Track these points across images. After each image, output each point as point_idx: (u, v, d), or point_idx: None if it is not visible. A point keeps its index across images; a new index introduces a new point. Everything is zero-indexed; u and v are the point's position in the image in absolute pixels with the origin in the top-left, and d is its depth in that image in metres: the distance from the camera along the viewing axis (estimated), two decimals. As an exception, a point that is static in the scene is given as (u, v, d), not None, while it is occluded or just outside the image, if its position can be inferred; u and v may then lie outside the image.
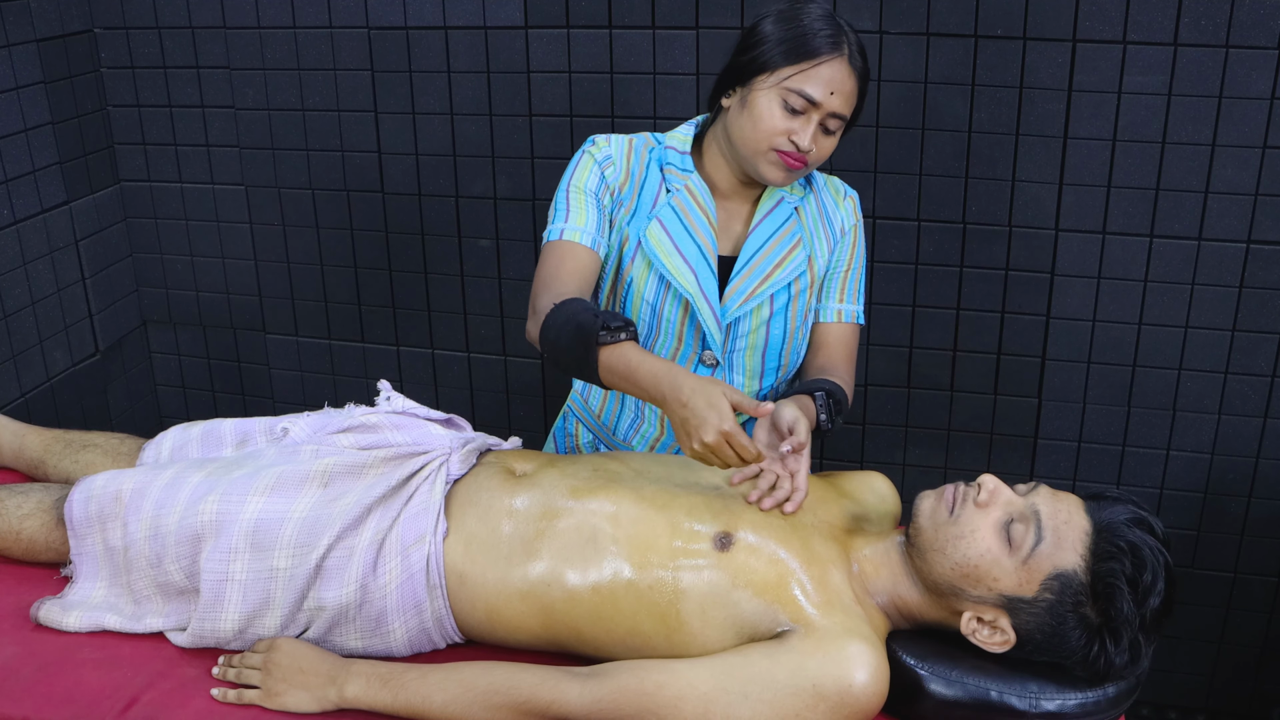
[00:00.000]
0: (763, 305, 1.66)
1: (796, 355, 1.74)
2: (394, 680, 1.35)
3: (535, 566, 1.40)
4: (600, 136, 1.66)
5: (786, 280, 1.66)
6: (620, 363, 1.39)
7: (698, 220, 1.63)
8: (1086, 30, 2.07)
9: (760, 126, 1.54)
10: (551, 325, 1.44)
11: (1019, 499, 1.34)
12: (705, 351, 1.66)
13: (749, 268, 1.64)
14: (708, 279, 1.63)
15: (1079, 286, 2.23)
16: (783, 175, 1.58)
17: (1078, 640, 1.30)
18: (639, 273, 1.64)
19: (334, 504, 1.46)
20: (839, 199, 1.73)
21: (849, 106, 1.55)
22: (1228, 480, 2.28)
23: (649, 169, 1.66)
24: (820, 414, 1.58)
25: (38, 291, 2.45)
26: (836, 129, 1.56)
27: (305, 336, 2.74)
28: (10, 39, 2.31)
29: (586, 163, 1.63)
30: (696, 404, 1.33)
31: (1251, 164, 2.06)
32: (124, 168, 2.68)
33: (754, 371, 1.71)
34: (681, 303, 1.63)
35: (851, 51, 1.53)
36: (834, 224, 1.72)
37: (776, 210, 1.67)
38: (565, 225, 1.59)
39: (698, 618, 1.33)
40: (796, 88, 1.51)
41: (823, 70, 1.51)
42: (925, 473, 2.44)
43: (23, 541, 1.59)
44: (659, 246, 1.62)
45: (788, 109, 1.53)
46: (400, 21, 2.39)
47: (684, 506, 1.40)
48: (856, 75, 1.54)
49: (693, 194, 1.64)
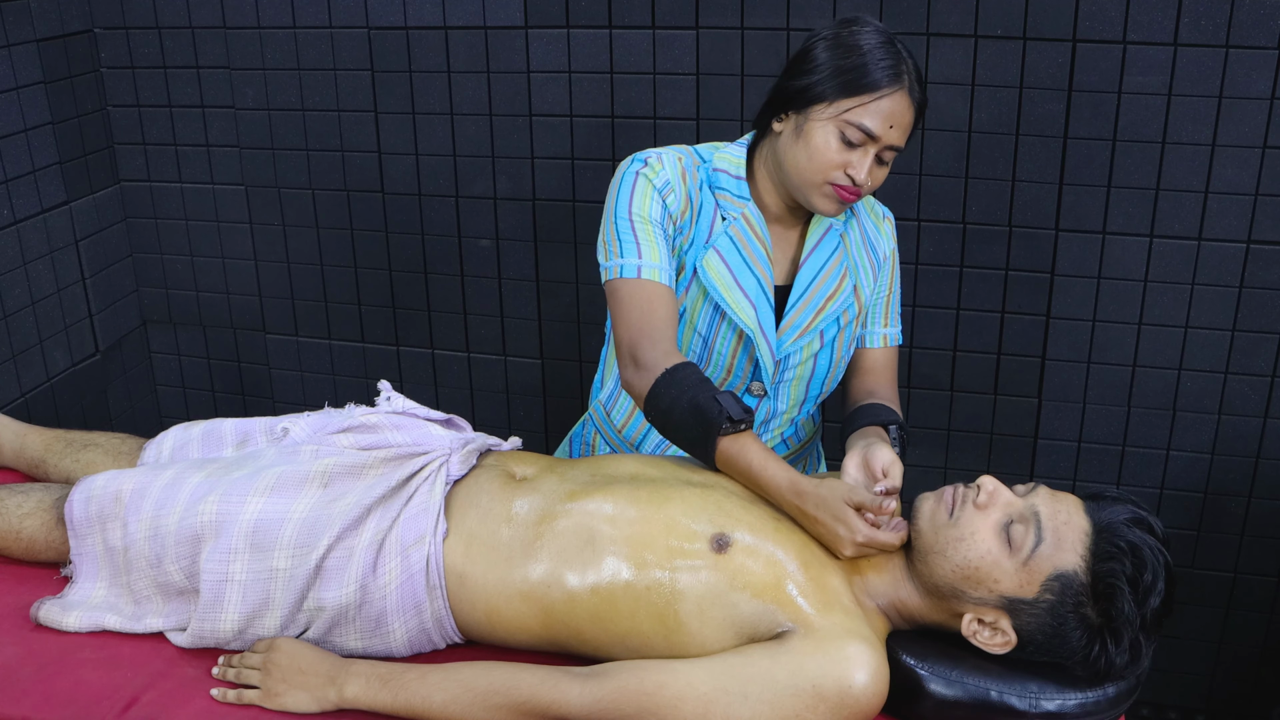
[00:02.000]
0: (814, 339, 1.64)
1: (835, 382, 1.72)
2: (394, 680, 1.35)
3: (535, 568, 1.40)
4: (650, 156, 1.58)
5: (837, 313, 1.64)
6: (740, 459, 1.41)
7: (755, 251, 1.59)
8: (1086, 30, 2.07)
9: (816, 159, 1.50)
10: (664, 395, 1.43)
11: (1018, 500, 1.34)
12: (754, 383, 1.64)
13: (803, 301, 1.62)
14: (766, 313, 1.59)
15: (1079, 286, 2.23)
16: (836, 207, 1.54)
17: (1078, 641, 1.30)
18: (693, 302, 1.60)
19: (334, 504, 1.46)
20: (879, 223, 1.71)
21: (905, 137, 1.52)
22: (1228, 480, 2.28)
23: (703, 193, 1.60)
24: (896, 449, 1.56)
25: (38, 291, 2.45)
26: (890, 159, 1.53)
27: (305, 336, 2.74)
28: (10, 39, 2.31)
29: (645, 189, 1.55)
30: (823, 518, 1.35)
31: (1251, 164, 2.06)
32: (124, 168, 2.68)
33: (797, 400, 1.69)
34: (736, 334, 1.60)
35: (911, 82, 1.49)
36: (877, 250, 1.70)
37: (826, 239, 1.63)
38: (642, 262, 1.52)
39: (696, 619, 1.33)
40: (856, 121, 1.47)
41: (883, 104, 1.47)
42: (925, 473, 2.44)
43: (23, 541, 1.59)
44: (718, 278, 1.57)
45: (845, 141, 1.48)
46: (400, 21, 2.39)
47: (680, 507, 1.40)
48: (915, 106, 1.50)
49: (749, 223, 1.59)
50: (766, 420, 1.70)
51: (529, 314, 2.57)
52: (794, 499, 1.38)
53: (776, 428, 1.72)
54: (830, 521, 1.35)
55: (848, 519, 1.34)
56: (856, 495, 1.35)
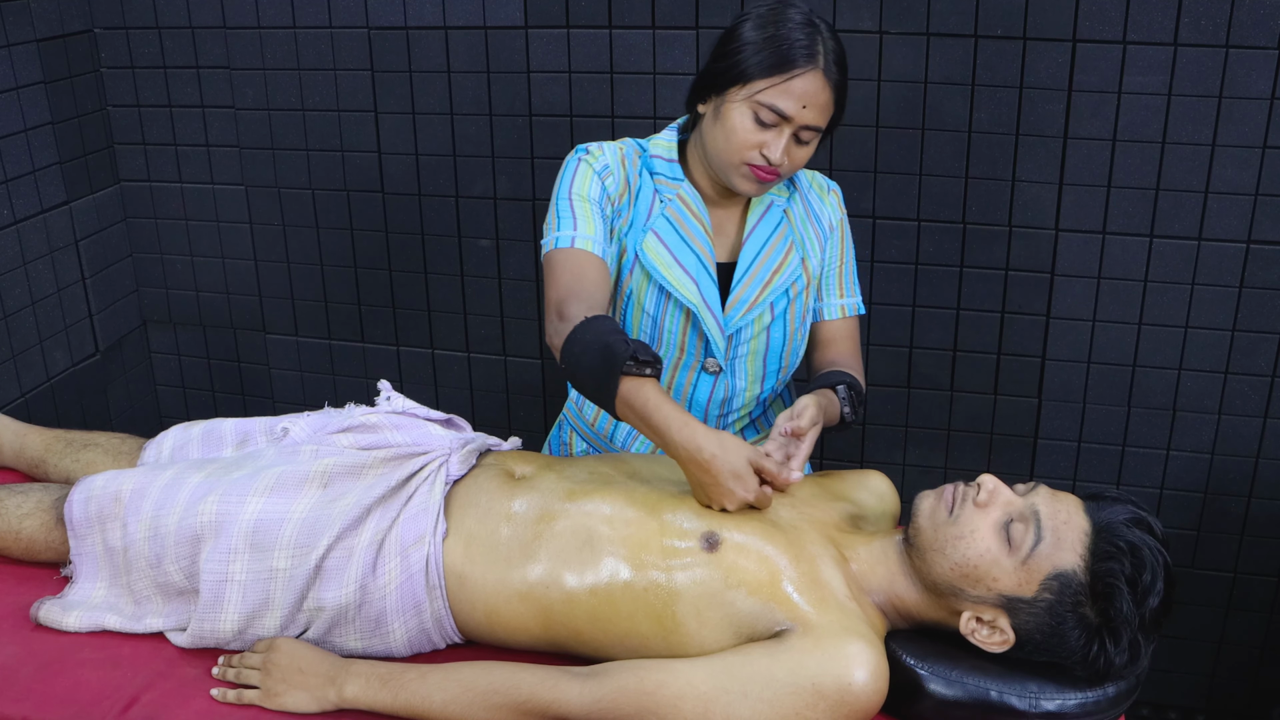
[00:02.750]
0: (764, 313, 1.66)
1: (795, 356, 1.74)
2: (393, 680, 1.35)
3: (533, 569, 1.40)
4: (592, 146, 1.63)
5: (785, 286, 1.66)
6: (638, 398, 1.38)
7: (693, 229, 1.62)
8: (1086, 30, 2.07)
9: (732, 140, 1.52)
10: (579, 339, 1.41)
11: (1018, 499, 1.34)
12: (708, 359, 1.66)
13: (749, 276, 1.64)
14: (709, 288, 1.62)
15: (1079, 286, 2.23)
16: (755, 187, 1.57)
17: (1077, 640, 1.30)
18: (638, 284, 1.63)
19: (334, 504, 1.46)
20: (824, 195, 1.73)
21: (824, 118, 1.53)
22: (1228, 480, 2.28)
23: (642, 178, 1.64)
24: (844, 407, 1.58)
25: (38, 291, 2.45)
26: (811, 139, 1.54)
27: (305, 336, 2.74)
28: (10, 39, 2.31)
29: (585, 173, 1.60)
30: (720, 471, 1.35)
31: (1251, 164, 2.06)
32: (124, 168, 2.68)
33: (755, 376, 1.71)
34: (683, 312, 1.63)
35: (828, 62, 1.50)
36: (822, 222, 1.72)
37: (768, 215, 1.66)
38: (575, 234, 1.55)
39: (694, 618, 1.33)
40: (768, 102, 1.49)
41: (795, 84, 1.48)
42: (925, 473, 2.44)
43: (22, 541, 1.59)
44: (657, 258, 1.61)
45: (759, 122, 1.51)
46: (400, 21, 2.39)
47: (671, 506, 1.40)
48: (832, 86, 1.51)
49: (685, 202, 1.62)
50: (728, 399, 1.71)
51: (529, 314, 2.57)
52: (688, 444, 1.36)
53: (742, 408, 1.73)
54: (728, 479, 1.35)
55: (748, 480, 1.36)
56: (762, 461, 1.37)
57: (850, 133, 2.24)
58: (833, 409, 1.57)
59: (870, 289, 2.33)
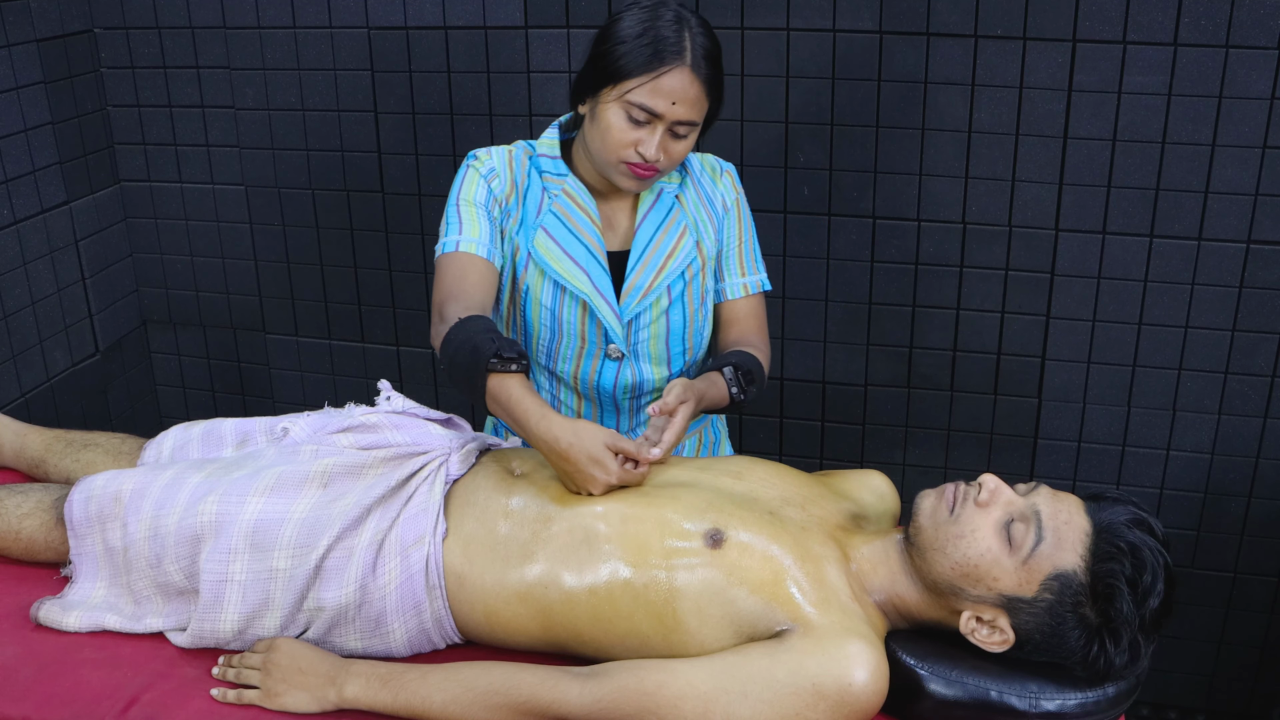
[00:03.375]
0: (661, 297, 1.69)
1: (700, 337, 1.77)
2: (393, 680, 1.35)
3: (532, 568, 1.40)
4: (481, 150, 1.68)
5: (680, 269, 1.69)
6: (503, 394, 1.44)
7: (580, 221, 1.66)
8: (1086, 30, 2.07)
9: (609, 140, 1.56)
10: (452, 340, 1.47)
11: (1019, 499, 1.34)
12: (610, 345, 1.70)
13: (642, 262, 1.67)
14: (601, 277, 1.66)
15: (1079, 286, 2.23)
16: (635, 184, 1.60)
17: (1077, 640, 1.30)
18: (534, 281, 1.67)
19: (333, 504, 1.46)
20: (716, 177, 1.75)
21: (696, 112, 1.55)
22: (1228, 480, 2.28)
23: (530, 177, 1.68)
24: (731, 388, 1.62)
25: (38, 291, 2.45)
26: (687, 133, 1.56)
27: (305, 336, 2.74)
28: (10, 39, 2.31)
29: (472, 177, 1.65)
30: (578, 459, 1.39)
31: (1251, 164, 2.06)
32: (124, 168, 2.68)
33: (660, 358, 1.74)
34: (579, 304, 1.66)
35: (695, 58, 1.52)
36: (715, 204, 1.74)
37: (659, 202, 1.69)
38: (460, 238, 1.61)
39: (695, 617, 1.33)
40: (638, 101, 1.52)
41: (664, 82, 1.51)
42: (925, 473, 2.44)
43: (22, 541, 1.59)
44: (547, 253, 1.65)
45: (632, 121, 1.54)
46: (400, 21, 2.39)
47: (673, 504, 1.40)
48: (702, 81, 1.53)
49: (571, 196, 1.66)
50: (636, 384, 1.74)
51: (529, 314, 2.57)
52: (544, 435, 1.41)
53: (653, 391, 1.77)
54: (586, 463, 1.39)
55: (606, 463, 1.39)
56: (619, 442, 1.40)
57: (850, 133, 2.24)
58: (716, 390, 1.61)
59: (870, 289, 2.33)
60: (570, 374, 1.73)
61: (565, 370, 1.73)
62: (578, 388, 1.75)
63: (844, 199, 2.29)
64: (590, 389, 1.74)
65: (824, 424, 2.48)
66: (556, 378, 1.75)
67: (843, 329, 2.38)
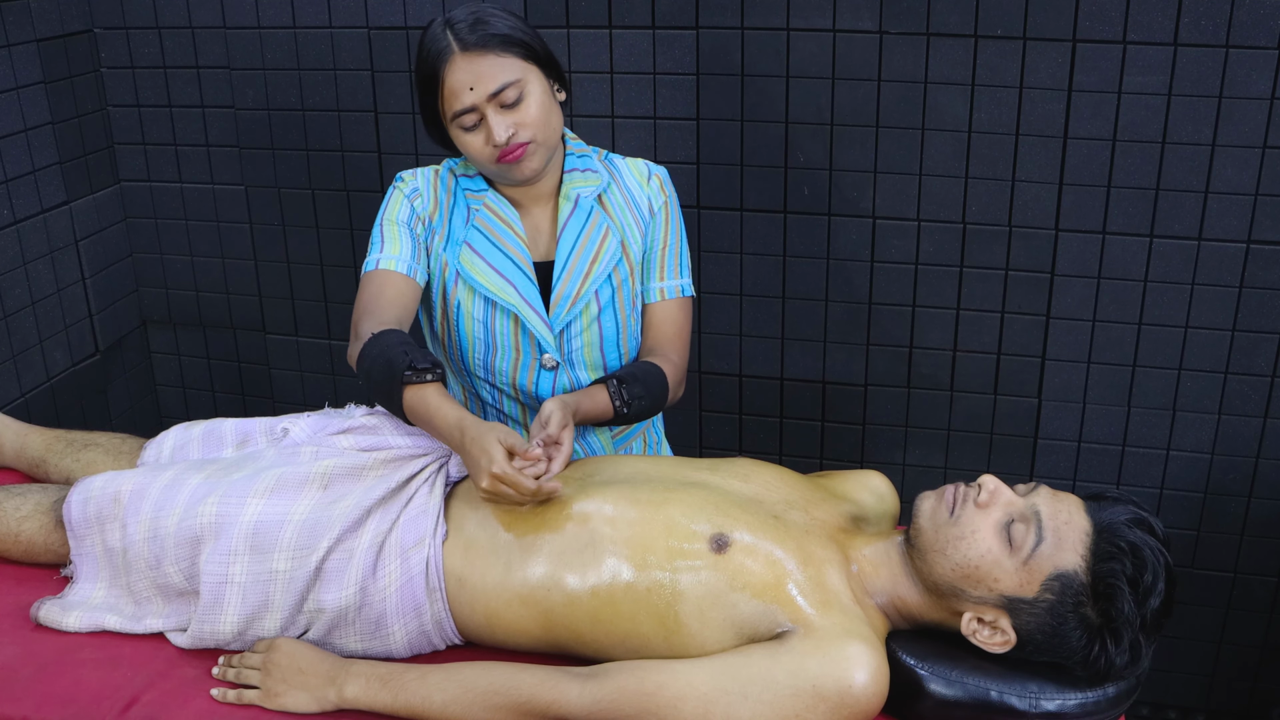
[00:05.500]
0: (590, 303, 1.69)
1: (635, 341, 1.78)
2: (394, 681, 1.35)
3: (534, 570, 1.40)
4: (406, 172, 1.71)
5: (606, 272, 1.69)
6: (420, 404, 1.45)
7: (503, 233, 1.67)
8: (1086, 30, 2.07)
9: (471, 155, 1.61)
10: (366, 355, 1.48)
11: (1019, 499, 1.34)
12: (544, 355, 1.70)
13: (567, 271, 1.68)
14: (528, 288, 1.66)
15: (1079, 286, 2.23)
16: (521, 169, 1.60)
17: (1078, 640, 1.30)
18: (464, 296, 1.68)
19: (334, 506, 1.46)
20: (643, 180, 1.75)
21: (501, 75, 1.54)
22: (1228, 480, 2.27)
23: (456, 195, 1.70)
24: (614, 400, 1.63)
25: (38, 291, 2.45)
26: (514, 98, 1.55)
27: (305, 336, 2.74)
28: (10, 39, 2.31)
29: (396, 198, 1.68)
30: (472, 451, 1.39)
31: (1251, 164, 2.06)
32: (124, 168, 2.68)
33: (595, 365, 1.74)
34: (510, 316, 1.67)
35: (461, 41, 1.54)
36: (641, 205, 1.74)
37: (578, 208, 1.70)
38: (381, 255, 1.64)
39: (696, 619, 1.33)
40: (452, 110, 1.56)
41: (448, 83, 1.55)
42: (925, 473, 2.44)
43: (22, 543, 1.59)
44: (473, 268, 1.66)
45: (468, 129, 1.57)
46: (400, 21, 2.39)
47: (679, 508, 1.40)
48: (478, 48, 1.54)
49: (492, 209, 1.68)
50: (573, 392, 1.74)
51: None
52: (456, 433, 1.41)
53: None
54: (476, 454, 1.39)
55: (492, 451, 1.38)
56: (510, 438, 1.40)
57: (850, 133, 2.24)
58: (594, 403, 1.62)
59: (870, 289, 2.33)
60: (509, 384, 1.74)
61: (504, 382, 1.73)
62: (519, 398, 1.75)
63: (844, 199, 2.29)
64: (531, 398, 1.75)
65: (824, 424, 2.47)
66: (498, 389, 1.75)
67: (843, 329, 2.38)
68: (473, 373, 1.74)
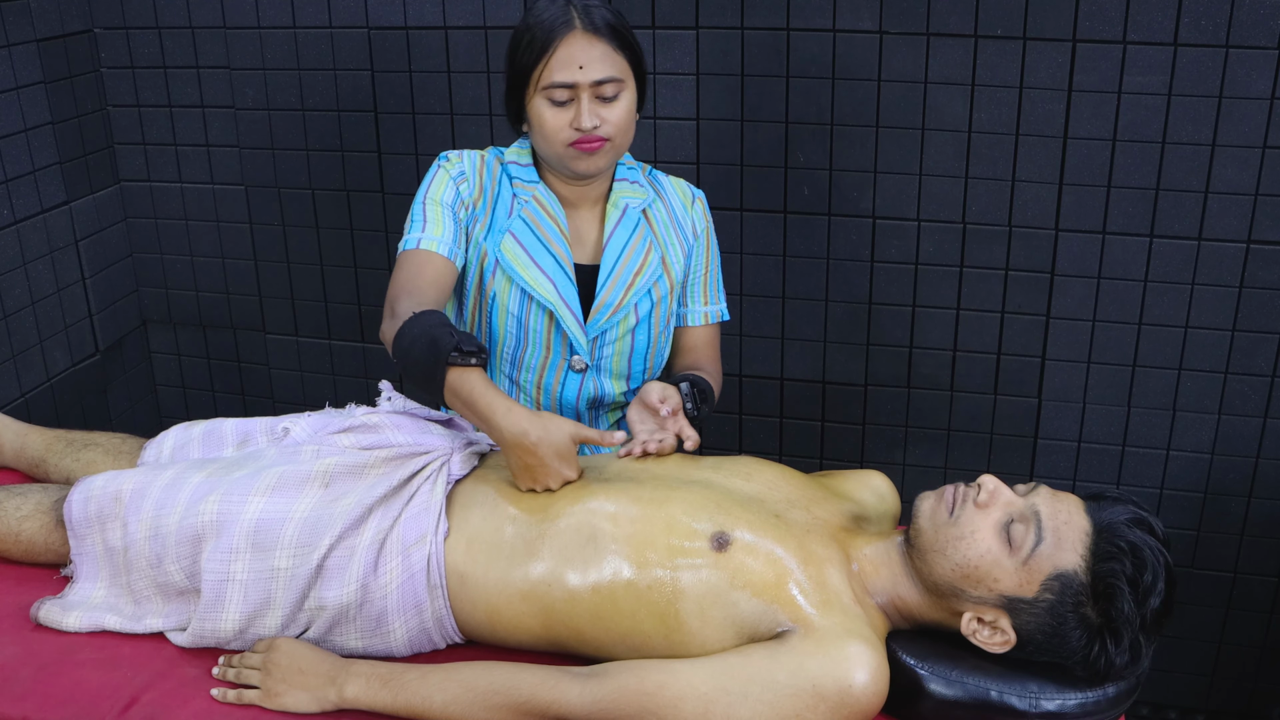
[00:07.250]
0: (629, 315, 1.70)
1: (660, 358, 1.79)
2: (394, 680, 1.35)
3: (536, 567, 1.40)
4: (453, 152, 1.69)
5: (647, 286, 1.70)
6: (464, 387, 1.43)
7: (549, 230, 1.67)
8: (1086, 30, 2.07)
9: (547, 132, 1.58)
10: (407, 333, 1.46)
11: (1019, 499, 1.34)
12: (574, 357, 1.70)
13: (612, 279, 1.68)
14: (567, 288, 1.66)
15: (1079, 286, 2.23)
16: (589, 163, 1.61)
17: (1078, 640, 1.30)
18: (501, 286, 1.67)
19: (335, 504, 1.46)
20: (688, 203, 1.77)
21: (610, 67, 1.56)
22: (1228, 480, 2.28)
23: (500, 183, 1.69)
24: (686, 403, 1.62)
25: (38, 291, 2.45)
26: (615, 93, 1.58)
27: (305, 336, 2.74)
28: (10, 39, 2.31)
29: (442, 177, 1.66)
30: (545, 454, 1.40)
31: (1251, 164, 2.06)
32: (124, 168, 2.68)
33: (621, 374, 1.75)
34: (545, 313, 1.67)
35: (585, 20, 1.55)
36: (685, 228, 1.76)
37: (626, 217, 1.70)
38: (422, 235, 1.62)
39: (697, 618, 1.33)
40: (549, 82, 1.55)
41: (560, 53, 1.54)
42: (925, 473, 2.44)
43: (22, 543, 1.59)
44: (514, 259, 1.65)
45: (557, 104, 1.56)
46: (400, 21, 2.39)
47: (681, 505, 1.40)
48: (600, 35, 1.55)
49: (541, 203, 1.67)
50: (597, 397, 1.76)
51: (529, 314, 2.57)
52: (512, 429, 1.40)
53: (611, 404, 1.78)
54: (553, 459, 1.40)
55: (572, 459, 1.42)
56: (584, 433, 1.41)
57: (850, 133, 2.24)
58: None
59: (870, 289, 2.33)
60: (533, 383, 1.74)
61: (528, 380, 1.73)
62: (539, 397, 1.75)
63: (844, 199, 2.29)
64: (552, 399, 1.75)
65: (824, 424, 2.47)
66: (518, 386, 1.75)
67: (843, 329, 2.38)
68: (498, 367, 1.74)
